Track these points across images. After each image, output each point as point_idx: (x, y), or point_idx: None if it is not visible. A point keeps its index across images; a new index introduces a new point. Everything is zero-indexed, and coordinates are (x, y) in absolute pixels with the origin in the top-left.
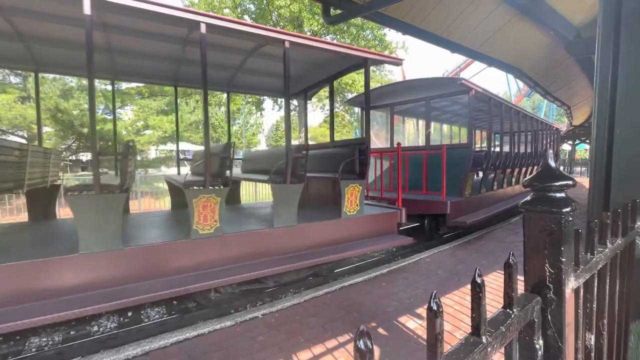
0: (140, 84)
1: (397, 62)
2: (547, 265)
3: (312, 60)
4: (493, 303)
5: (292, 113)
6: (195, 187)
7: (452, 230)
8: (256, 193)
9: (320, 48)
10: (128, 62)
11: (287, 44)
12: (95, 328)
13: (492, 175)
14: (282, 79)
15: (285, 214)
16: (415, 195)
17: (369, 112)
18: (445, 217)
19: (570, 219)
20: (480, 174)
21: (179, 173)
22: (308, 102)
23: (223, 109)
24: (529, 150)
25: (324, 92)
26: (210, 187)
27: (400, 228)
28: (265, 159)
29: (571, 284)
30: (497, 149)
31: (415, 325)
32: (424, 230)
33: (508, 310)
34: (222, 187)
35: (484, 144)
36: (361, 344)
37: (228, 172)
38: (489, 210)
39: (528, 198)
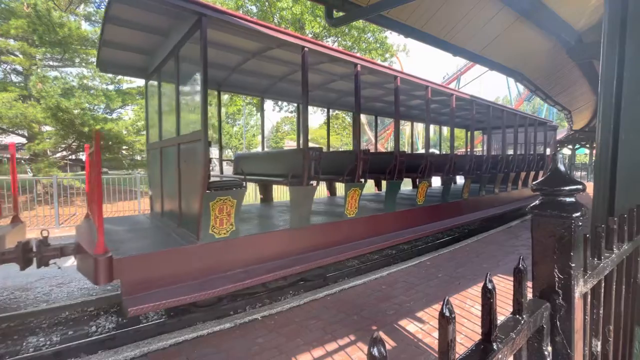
0: (142, 84)
1: None
2: (556, 270)
3: None
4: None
5: (292, 115)
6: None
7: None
8: None
9: None
10: None
11: None
12: (94, 329)
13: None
14: None
15: None
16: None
17: None
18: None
19: (580, 224)
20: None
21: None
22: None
23: (223, 109)
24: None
25: None
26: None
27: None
28: None
29: (580, 290)
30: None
31: (416, 328)
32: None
33: (517, 316)
34: None
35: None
36: (375, 351)
37: None
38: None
39: (537, 202)
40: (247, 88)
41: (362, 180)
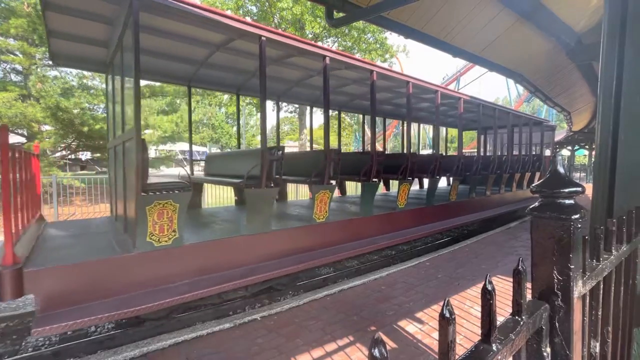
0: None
1: None
2: (555, 272)
3: None
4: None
5: (292, 115)
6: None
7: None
8: None
9: None
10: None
11: None
12: (93, 328)
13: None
14: None
15: None
16: None
17: None
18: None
19: (579, 225)
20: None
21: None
22: None
23: (224, 109)
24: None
25: None
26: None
27: None
28: None
29: (578, 291)
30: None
31: (415, 329)
32: None
33: (517, 317)
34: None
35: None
36: (376, 352)
37: None
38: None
39: (536, 204)
40: (221, 84)
41: (333, 182)
